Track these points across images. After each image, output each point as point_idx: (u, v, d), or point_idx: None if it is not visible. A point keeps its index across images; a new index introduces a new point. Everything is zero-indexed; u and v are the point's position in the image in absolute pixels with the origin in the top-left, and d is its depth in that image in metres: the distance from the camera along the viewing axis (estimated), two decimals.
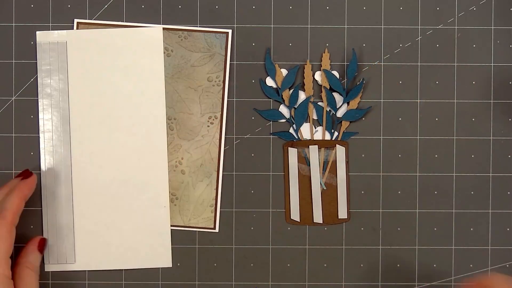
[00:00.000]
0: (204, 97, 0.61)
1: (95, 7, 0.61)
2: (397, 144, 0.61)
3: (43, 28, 0.61)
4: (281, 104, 0.61)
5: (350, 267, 0.62)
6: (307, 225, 0.62)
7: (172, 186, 0.61)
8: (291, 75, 0.60)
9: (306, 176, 0.62)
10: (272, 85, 0.61)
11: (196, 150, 0.61)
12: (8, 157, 0.61)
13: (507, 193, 0.61)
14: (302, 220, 0.62)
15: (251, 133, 0.61)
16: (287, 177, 0.62)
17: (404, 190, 0.61)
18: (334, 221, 0.62)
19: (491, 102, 0.61)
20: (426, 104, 0.61)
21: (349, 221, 0.62)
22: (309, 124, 0.61)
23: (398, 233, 0.62)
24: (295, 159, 0.61)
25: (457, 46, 0.61)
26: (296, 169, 0.62)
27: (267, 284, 0.62)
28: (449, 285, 0.62)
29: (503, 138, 0.61)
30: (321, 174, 0.61)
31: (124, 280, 0.61)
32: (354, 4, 0.61)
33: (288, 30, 0.61)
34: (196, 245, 0.62)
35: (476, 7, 0.61)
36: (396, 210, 0.62)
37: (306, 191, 0.62)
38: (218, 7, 0.61)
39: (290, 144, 0.61)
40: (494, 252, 0.61)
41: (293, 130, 0.61)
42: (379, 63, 0.61)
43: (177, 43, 0.61)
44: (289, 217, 0.62)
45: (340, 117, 0.61)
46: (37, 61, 0.60)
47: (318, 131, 0.61)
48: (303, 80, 0.61)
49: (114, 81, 0.60)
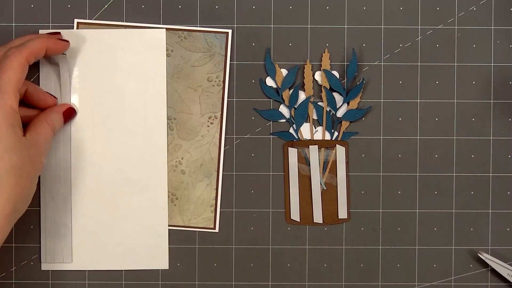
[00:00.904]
0: (204, 97, 0.61)
1: (95, 7, 0.61)
2: (397, 144, 0.61)
3: (43, 28, 0.61)
4: (281, 104, 0.61)
5: (350, 267, 0.62)
6: (307, 225, 0.62)
7: (172, 186, 0.61)
8: (291, 75, 0.60)
9: (306, 176, 0.62)
10: (272, 85, 0.61)
11: (196, 150, 0.61)
12: None
13: (507, 193, 0.61)
14: (302, 220, 0.62)
15: (251, 133, 0.61)
16: (287, 177, 0.62)
17: (404, 190, 0.61)
18: (334, 221, 0.62)
19: (491, 102, 0.61)
20: (426, 104, 0.61)
21: (349, 221, 0.62)
22: (309, 124, 0.61)
23: (398, 233, 0.62)
24: (295, 159, 0.61)
25: (457, 46, 0.61)
26: (296, 169, 0.62)
27: (267, 284, 0.62)
28: (449, 285, 0.62)
29: (503, 138, 0.61)
30: (321, 174, 0.61)
31: (124, 280, 0.61)
32: (354, 4, 0.61)
33: (288, 30, 0.61)
34: (196, 245, 0.62)
35: (476, 7, 0.61)
36: (396, 210, 0.62)
37: (306, 191, 0.62)
38: (218, 7, 0.61)
39: (290, 144, 0.61)
40: (494, 252, 0.61)
41: (293, 130, 0.61)
42: (379, 63, 0.61)
43: (177, 43, 0.61)
44: (289, 217, 0.62)
45: (340, 117, 0.61)
46: (39, 61, 0.60)
47: (318, 131, 0.61)
48: (303, 80, 0.61)
49: (115, 82, 0.60)
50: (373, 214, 0.62)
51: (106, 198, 0.60)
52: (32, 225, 0.61)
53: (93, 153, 0.60)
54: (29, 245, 0.61)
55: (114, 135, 0.60)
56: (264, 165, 0.62)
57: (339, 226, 0.62)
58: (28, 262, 0.62)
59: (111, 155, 0.60)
